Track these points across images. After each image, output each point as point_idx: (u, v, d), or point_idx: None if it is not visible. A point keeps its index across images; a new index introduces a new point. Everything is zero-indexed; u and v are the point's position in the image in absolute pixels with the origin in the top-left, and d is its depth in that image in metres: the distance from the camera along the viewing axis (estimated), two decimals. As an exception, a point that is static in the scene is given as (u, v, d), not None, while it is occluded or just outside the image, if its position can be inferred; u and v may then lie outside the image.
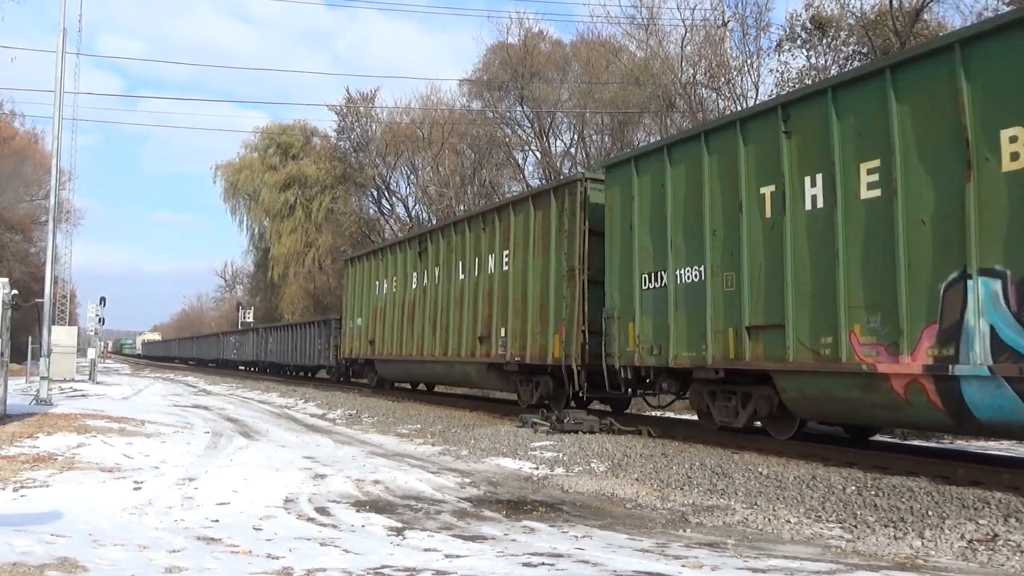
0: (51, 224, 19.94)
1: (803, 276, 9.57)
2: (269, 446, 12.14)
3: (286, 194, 53.93)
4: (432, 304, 19.46)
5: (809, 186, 9.55)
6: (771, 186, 10.08)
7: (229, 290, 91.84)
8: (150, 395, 25.07)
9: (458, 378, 19.46)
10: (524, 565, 5.36)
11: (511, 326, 15.70)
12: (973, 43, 7.91)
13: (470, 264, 17.76)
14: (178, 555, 5.48)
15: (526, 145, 34.41)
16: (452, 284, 18.50)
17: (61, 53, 18.81)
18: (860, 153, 8.95)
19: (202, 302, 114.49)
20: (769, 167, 10.11)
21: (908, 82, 8.52)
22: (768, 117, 10.22)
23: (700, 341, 11.05)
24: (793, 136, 9.82)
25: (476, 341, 17.09)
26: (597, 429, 12.57)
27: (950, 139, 8.02)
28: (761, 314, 10.14)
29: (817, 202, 9.44)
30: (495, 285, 16.47)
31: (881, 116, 8.69)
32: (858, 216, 8.93)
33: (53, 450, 10.22)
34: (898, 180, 8.47)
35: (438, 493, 8.36)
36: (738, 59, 25.89)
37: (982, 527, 6.40)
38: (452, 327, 18.31)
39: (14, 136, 51.49)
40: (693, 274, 11.30)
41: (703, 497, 8.18)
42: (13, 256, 49.77)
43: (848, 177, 9.06)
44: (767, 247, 10.10)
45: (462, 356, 17.72)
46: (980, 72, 7.81)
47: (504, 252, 16.26)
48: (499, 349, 16.07)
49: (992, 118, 7.68)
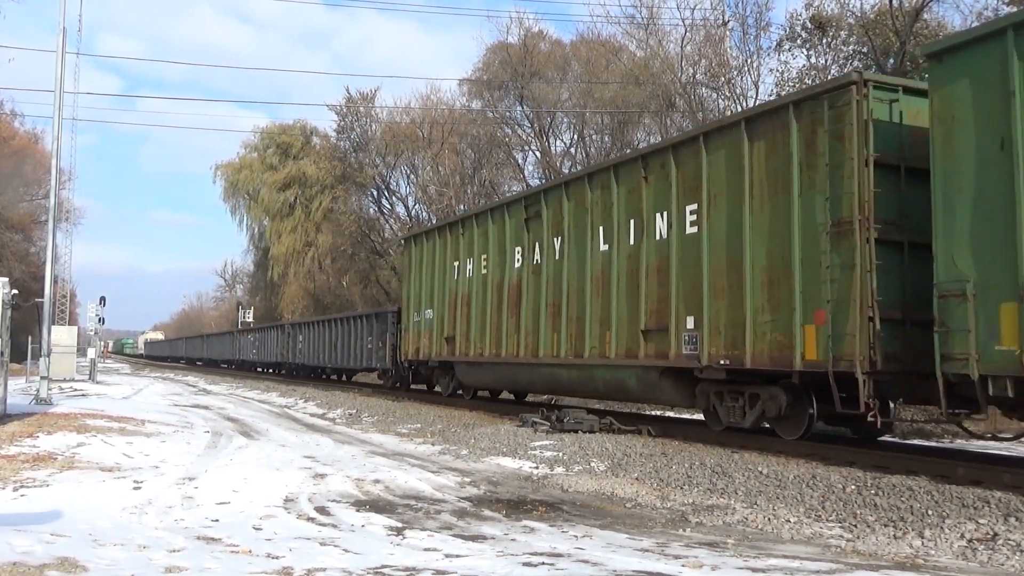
0: (51, 224, 19.94)
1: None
2: (269, 446, 12.14)
3: (286, 194, 53.93)
4: (551, 287, 14.85)
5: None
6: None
7: (229, 290, 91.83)
8: (150, 395, 25.07)
9: (601, 388, 14.16)
10: (524, 565, 5.36)
11: (709, 313, 11.08)
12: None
13: (620, 229, 13.08)
14: (178, 555, 5.48)
15: (526, 145, 34.43)
16: (587, 258, 13.79)
17: (61, 53, 18.81)
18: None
19: (202, 302, 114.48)
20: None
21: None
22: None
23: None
24: None
25: (638, 336, 12.43)
26: (597, 428, 12.57)
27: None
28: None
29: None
30: (672, 255, 11.85)
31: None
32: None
33: (53, 450, 10.22)
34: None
35: (438, 492, 8.36)
36: (738, 59, 25.90)
37: (982, 526, 6.40)
38: (590, 318, 13.60)
39: (14, 136, 51.48)
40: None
41: (703, 496, 8.18)
42: (13, 256, 49.74)
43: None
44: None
45: (612, 358, 13.00)
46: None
47: (690, 207, 11.63)
48: (684, 347, 11.51)
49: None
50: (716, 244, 11.15)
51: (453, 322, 18.70)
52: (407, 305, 21.60)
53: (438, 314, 19.49)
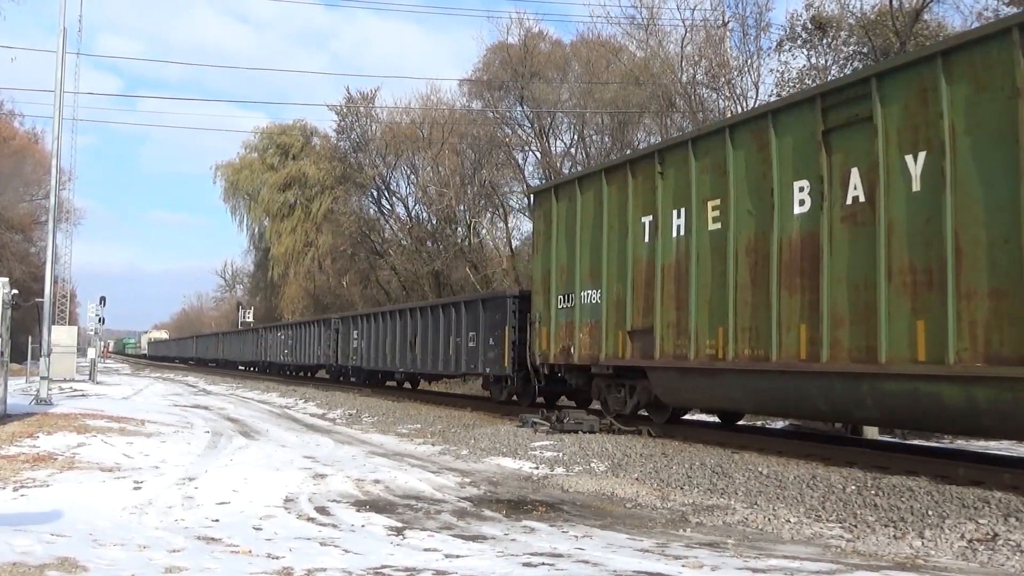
0: (51, 224, 19.94)
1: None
2: (269, 446, 12.14)
3: (286, 194, 53.96)
4: (899, 241, 8.58)
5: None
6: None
7: (229, 290, 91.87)
8: (150, 395, 25.07)
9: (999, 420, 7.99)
10: (524, 565, 5.36)
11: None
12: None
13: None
14: (178, 555, 5.48)
15: (526, 145, 34.40)
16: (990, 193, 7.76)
17: (61, 53, 18.81)
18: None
19: (202, 302, 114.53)
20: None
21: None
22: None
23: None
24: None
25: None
26: (597, 429, 12.57)
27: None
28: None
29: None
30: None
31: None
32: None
33: (53, 450, 10.22)
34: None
35: (438, 493, 8.36)
36: (738, 59, 25.91)
37: (982, 527, 6.40)
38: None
39: (14, 136, 51.53)
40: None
41: (703, 497, 8.18)
42: (13, 256, 49.77)
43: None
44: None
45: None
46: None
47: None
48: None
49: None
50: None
51: (645, 306, 12.22)
52: (544, 287, 15.03)
53: (612, 296, 13.01)
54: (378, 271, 42.46)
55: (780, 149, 10.05)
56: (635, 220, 12.48)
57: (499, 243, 36.04)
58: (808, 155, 9.61)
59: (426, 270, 36.09)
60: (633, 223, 12.51)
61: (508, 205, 35.50)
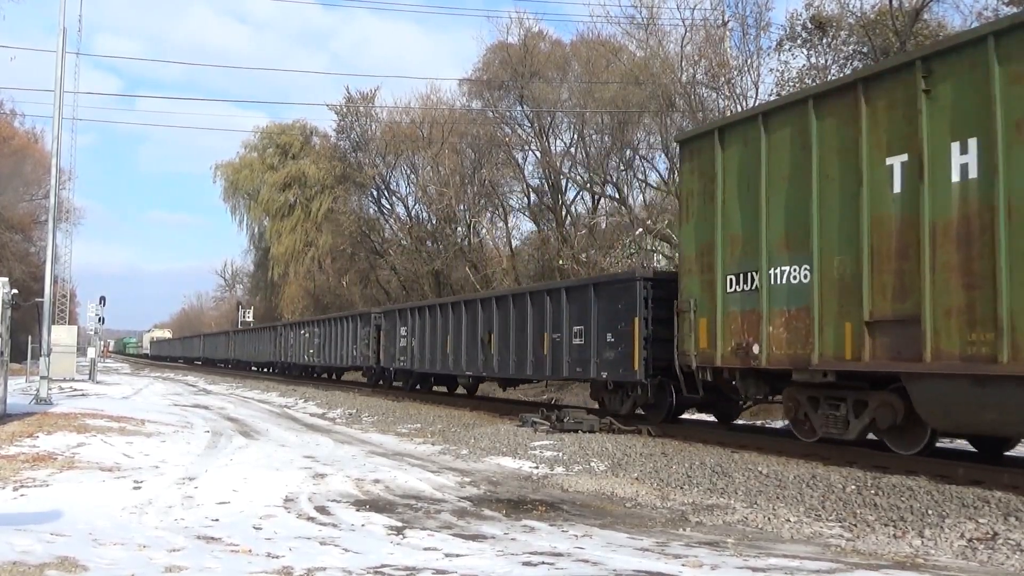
0: (51, 224, 19.95)
1: None
2: (269, 445, 12.15)
3: (286, 194, 53.98)
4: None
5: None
6: None
7: (229, 289, 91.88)
8: (150, 395, 25.07)
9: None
10: (524, 564, 5.37)
11: None
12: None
13: None
14: (178, 554, 5.48)
15: (526, 145, 34.39)
16: None
17: (61, 53, 18.82)
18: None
19: (202, 302, 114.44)
20: None
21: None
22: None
23: None
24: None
25: None
26: (597, 428, 12.57)
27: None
28: None
29: None
30: None
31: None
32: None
33: (53, 449, 10.23)
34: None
35: (438, 492, 8.36)
36: (738, 59, 25.89)
37: (982, 526, 6.41)
38: None
39: (14, 136, 51.55)
40: None
41: (703, 496, 8.18)
42: (13, 256, 49.77)
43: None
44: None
45: None
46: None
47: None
48: None
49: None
50: None
51: (898, 285, 8.63)
52: (701, 264, 11.50)
53: (831, 272, 9.39)
54: (378, 271, 42.47)
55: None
56: (874, 163, 8.93)
57: (499, 243, 36.06)
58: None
59: (426, 270, 36.10)
60: (871, 168, 8.94)
61: (508, 205, 35.54)
